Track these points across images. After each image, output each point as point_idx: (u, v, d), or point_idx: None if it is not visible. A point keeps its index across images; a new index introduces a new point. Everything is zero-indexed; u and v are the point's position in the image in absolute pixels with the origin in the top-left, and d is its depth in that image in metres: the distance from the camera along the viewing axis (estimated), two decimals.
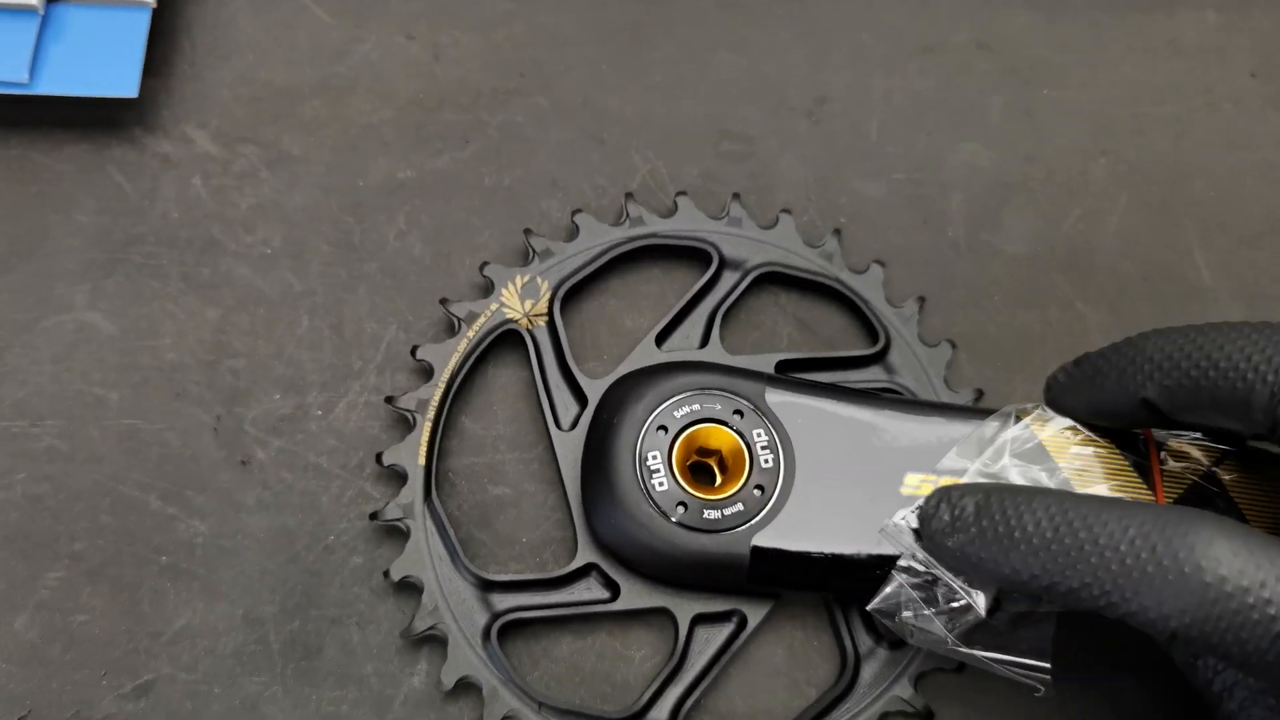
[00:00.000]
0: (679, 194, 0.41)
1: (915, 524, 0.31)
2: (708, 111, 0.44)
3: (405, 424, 0.38)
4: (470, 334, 0.39)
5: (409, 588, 0.36)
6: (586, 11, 0.45)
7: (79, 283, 0.40)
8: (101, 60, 0.41)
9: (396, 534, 0.37)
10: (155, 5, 0.41)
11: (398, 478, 0.37)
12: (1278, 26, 0.46)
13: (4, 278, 0.40)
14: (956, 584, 0.30)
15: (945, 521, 0.29)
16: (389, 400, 0.38)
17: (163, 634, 0.36)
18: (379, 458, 0.37)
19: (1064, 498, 0.28)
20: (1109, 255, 0.43)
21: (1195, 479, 0.33)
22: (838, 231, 0.41)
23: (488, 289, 0.40)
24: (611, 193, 0.43)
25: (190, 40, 0.44)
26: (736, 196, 0.41)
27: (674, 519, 0.34)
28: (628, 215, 0.41)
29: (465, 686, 0.35)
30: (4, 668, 0.36)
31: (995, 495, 0.29)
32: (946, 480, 0.33)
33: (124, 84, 0.40)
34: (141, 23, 0.41)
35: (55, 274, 0.41)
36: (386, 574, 0.36)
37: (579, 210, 0.41)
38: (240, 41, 0.44)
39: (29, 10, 0.40)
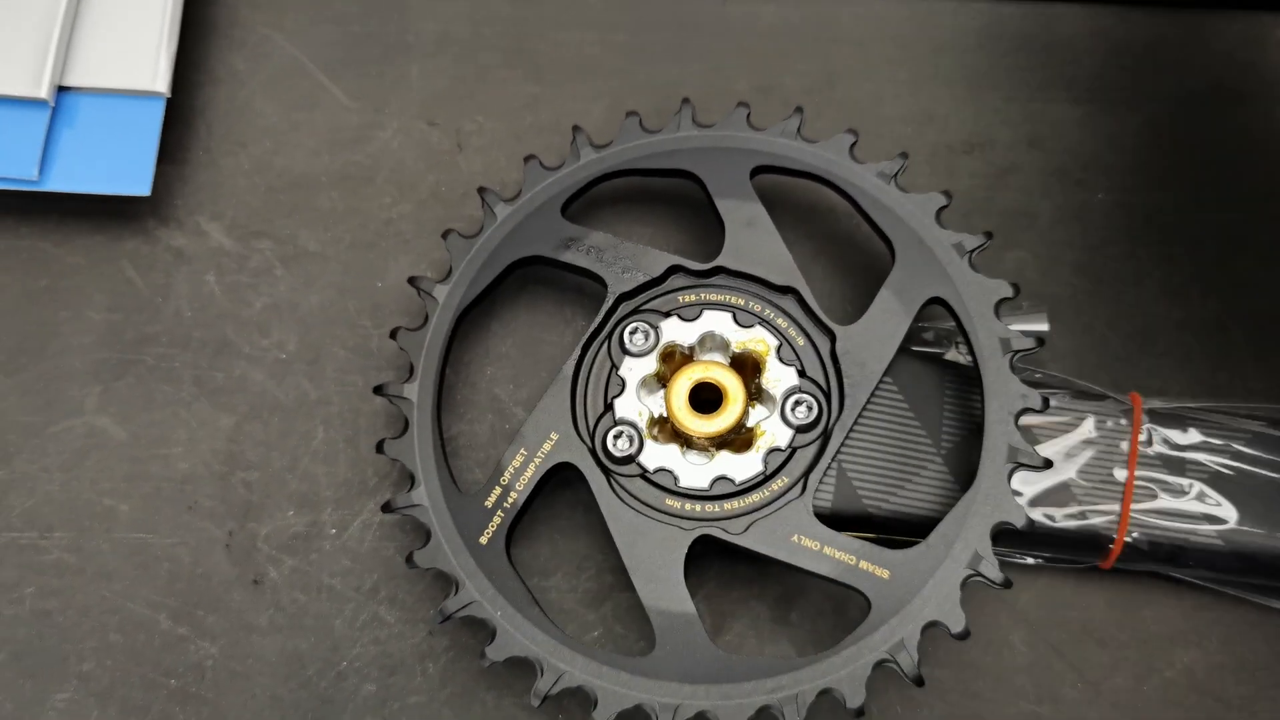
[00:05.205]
0: None
1: None
2: None
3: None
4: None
5: None
6: (618, 95, 0.43)
7: (90, 385, 0.39)
8: (113, 154, 0.39)
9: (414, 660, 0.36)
10: (169, 95, 0.40)
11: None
12: None
13: (14, 377, 0.39)
14: None
15: None
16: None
17: None
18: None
19: None
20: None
21: None
22: None
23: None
24: None
25: (206, 124, 0.42)
26: None
27: None
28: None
29: None
30: None
31: None
32: None
33: (137, 181, 0.39)
34: (155, 114, 0.40)
35: (65, 374, 0.40)
36: None
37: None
38: (257, 126, 0.42)
39: (39, 102, 0.39)
